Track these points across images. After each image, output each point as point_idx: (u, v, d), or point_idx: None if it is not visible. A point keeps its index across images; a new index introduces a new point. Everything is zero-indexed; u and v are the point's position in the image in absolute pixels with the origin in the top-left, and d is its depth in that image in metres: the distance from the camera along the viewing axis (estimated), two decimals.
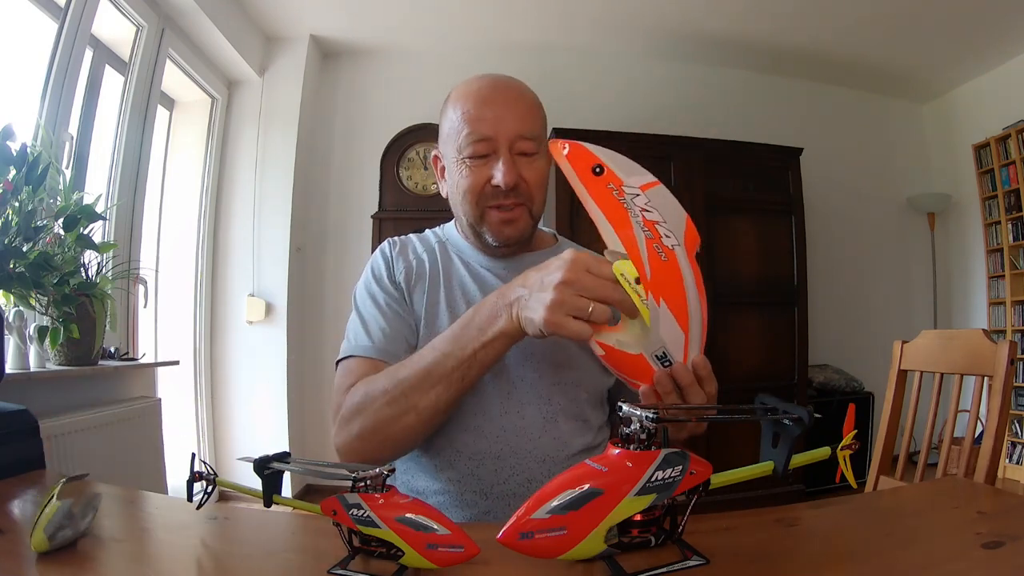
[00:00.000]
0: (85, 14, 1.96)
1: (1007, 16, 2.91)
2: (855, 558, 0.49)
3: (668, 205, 0.54)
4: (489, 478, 0.77)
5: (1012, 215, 3.34)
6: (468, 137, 0.80)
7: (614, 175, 0.53)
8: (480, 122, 0.79)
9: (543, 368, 0.80)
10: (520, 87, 0.85)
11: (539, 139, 0.82)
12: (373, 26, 3.11)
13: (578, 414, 0.81)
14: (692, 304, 0.55)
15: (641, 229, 0.53)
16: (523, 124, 0.80)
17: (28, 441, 0.82)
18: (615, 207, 0.54)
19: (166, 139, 2.91)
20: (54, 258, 1.50)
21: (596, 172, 0.53)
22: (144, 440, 1.95)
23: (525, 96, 0.84)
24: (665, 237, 0.53)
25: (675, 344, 0.56)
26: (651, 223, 0.53)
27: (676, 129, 3.06)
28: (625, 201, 0.53)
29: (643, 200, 0.53)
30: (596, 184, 0.54)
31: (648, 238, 0.53)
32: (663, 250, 0.53)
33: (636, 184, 0.53)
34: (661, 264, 0.54)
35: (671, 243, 0.54)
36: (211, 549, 0.43)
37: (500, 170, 0.79)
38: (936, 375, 1.18)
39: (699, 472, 0.43)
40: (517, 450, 0.78)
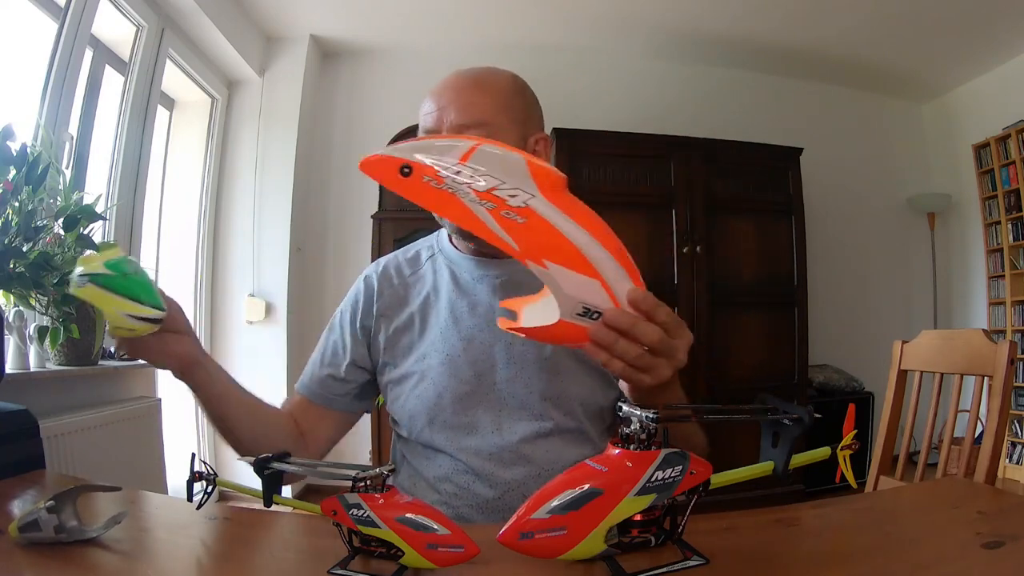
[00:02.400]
0: (85, 14, 1.96)
1: (1007, 16, 2.91)
2: (855, 558, 0.49)
3: (499, 161, 0.47)
4: (485, 493, 0.77)
5: (1012, 215, 3.34)
6: (421, 130, 0.80)
7: (424, 166, 0.46)
8: (427, 114, 0.79)
9: (532, 383, 0.79)
10: (478, 75, 0.81)
11: (489, 126, 0.77)
12: (373, 26, 3.11)
13: (574, 427, 0.80)
14: (585, 245, 0.48)
15: (479, 204, 0.46)
16: (465, 112, 0.77)
17: (28, 441, 0.82)
18: (441, 199, 0.47)
19: (166, 139, 2.91)
20: (54, 258, 1.50)
21: (405, 173, 0.46)
22: (144, 440, 1.95)
23: (478, 83, 0.80)
24: (511, 197, 0.46)
25: (592, 294, 0.49)
26: (486, 193, 0.46)
27: (676, 129, 3.06)
28: (447, 186, 0.46)
29: (468, 172, 0.46)
30: (412, 185, 0.46)
31: (492, 209, 0.46)
32: (515, 212, 0.47)
33: (452, 161, 0.46)
34: (522, 227, 0.47)
35: (522, 199, 0.47)
36: (211, 549, 0.43)
37: None
38: (936, 375, 1.18)
39: (699, 472, 0.43)
40: (512, 466, 0.77)
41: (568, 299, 0.49)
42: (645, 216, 2.85)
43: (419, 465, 0.82)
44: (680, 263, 2.85)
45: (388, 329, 0.85)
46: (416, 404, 0.80)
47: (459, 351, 0.79)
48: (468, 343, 0.80)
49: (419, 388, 0.80)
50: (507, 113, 0.80)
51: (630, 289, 0.50)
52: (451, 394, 0.78)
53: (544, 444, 0.78)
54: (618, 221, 1.98)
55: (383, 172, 0.47)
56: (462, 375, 0.79)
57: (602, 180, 2.83)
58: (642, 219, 2.84)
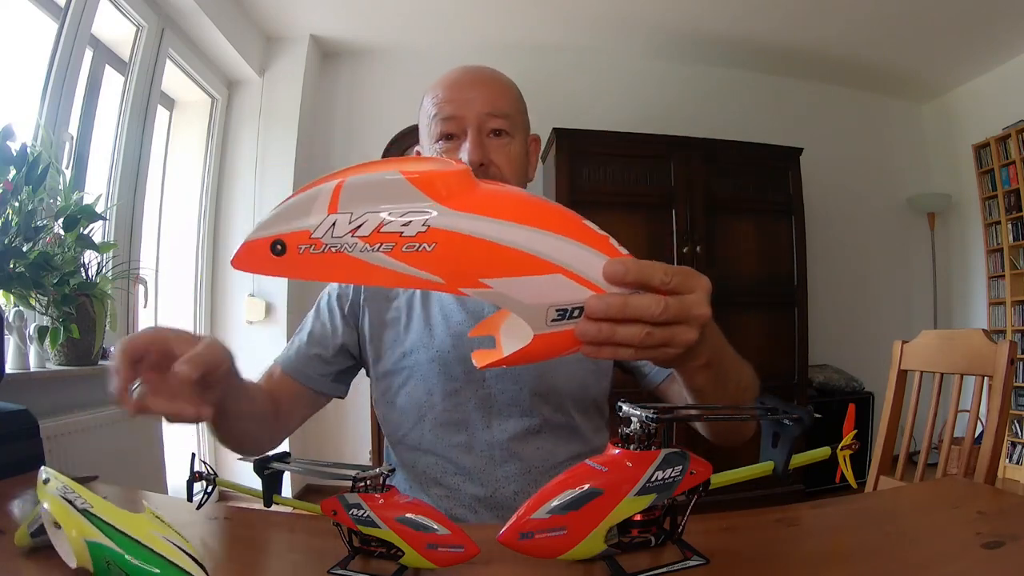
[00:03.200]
0: (85, 14, 1.96)
1: (1007, 16, 2.91)
2: (855, 558, 0.49)
3: (372, 190, 0.38)
4: (477, 492, 0.77)
5: (1012, 215, 3.34)
6: (436, 118, 0.79)
7: (293, 234, 0.38)
8: (448, 103, 0.79)
9: (522, 380, 0.79)
10: (491, 71, 0.84)
11: (510, 118, 0.80)
12: (373, 26, 3.11)
13: (564, 423, 0.80)
14: (523, 240, 0.39)
15: (372, 252, 0.37)
16: (491, 102, 0.78)
17: (28, 441, 0.82)
18: (329, 264, 0.38)
19: (166, 139, 2.91)
20: (54, 258, 1.50)
21: (278, 252, 0.38)
22: (144, 440, 1.95)
23: (495, 78, 0.83)
24: (405, 227, 0.37)
25: (558, 291, 0.40)
26: (374, 235, 0.37)
27: (676, 129, 3.06)
28: (329, 246, 0.37)
29: (345, 222, 0.37)
30: (292, 262, 0.38)
31: (389, 250, 0.37)
32: (417, 241, 0.38)
33: (321, 216, 0.37)
34: (434, 256, 0.38)
35: (419, 223, 0.37)
36: (211, 549, 0.43)
37: (466, 149, 0.77)
38: (936, 375, 1.18)
39: (699, 472, 0.43)
40: (503, 463, 0.77)
41: (533, 309, 0.40)
42: (645, 216, 2.85)
43: (408, 469, 0.82)
44: (680, 263, 2.84)
45: (373, 317, 0.85)
46: (406, 401, 0.80)
47: (448, 348, 0.80)
48: (457, 340, 0.80)
49: (408, 385, 0.80)
50: (519, 111, 0.82)
51: (605, 264, 0.41)
52: (441, 391, 0.79)
53: (535, 441, 0.78)
54: (618, 221, 2.01)
55: (256, 261, 0.39)
56: (452, 372, 0.79)
57: (602, 180, 2.83)
58: (642, 219, 2.84)
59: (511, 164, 0.79)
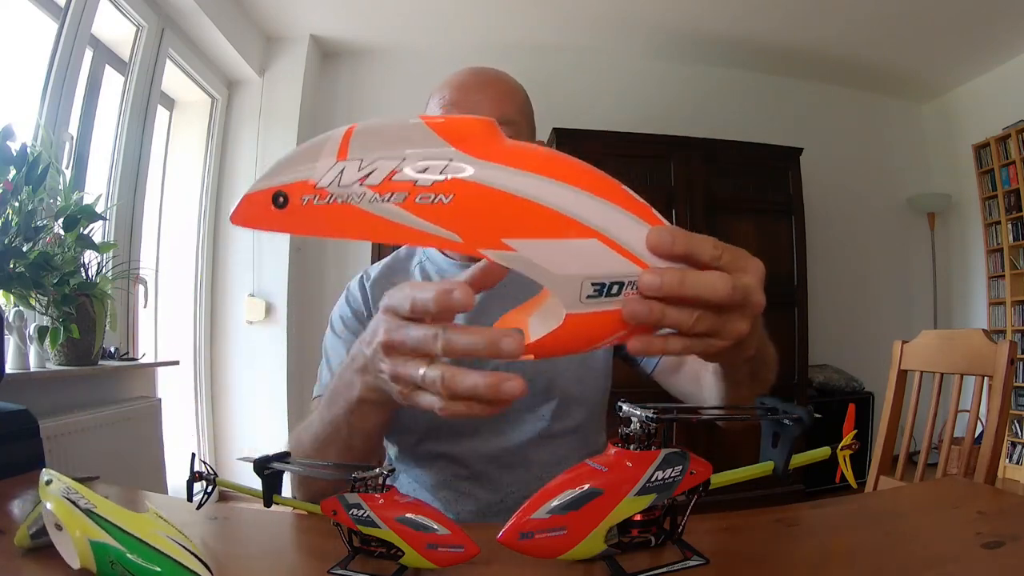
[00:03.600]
0: (85, 14, 1.96)
1: (1007, 16, 2.91)
2: (855, 558, 0.49)
3: (388, 134, 0.34)
4: (486, 497, 0.77)
5: (1012, 215, 3.34)
6: None
7: (299, 184, 0.33)
8: (455, 106, 0.77)
9: (535, 384, 0.77)
10: (498, 74, 0.82)
11: (517, 124, 0.78)
12: (373, 26, 3.11)
13: (576, 427, 0.79)
14: (555, 195, 0.33)
15: (382, 203, 0.33)
16: (498, 107, 0.77)
17: (28, 441, 0.82)
18: (335, 217, 0.33)
19: (166, 139, 2.91)
20: (54, 258, 1.50)
21: (280, 204, 0.34)
22: (144, 440, 1.96)
23: (502, 81, 0.81)
24: (421, 175, 0.33)
25: (596, 260, 0.34)
26: (386, 183, 0.33)
27: (676, 129, 3.06)
28: (335, 196, 0.33)
29: (354, 169, 0.33)
30: (294, 215, 0.34)
31: (402, 201, 0.33)
32: (433, 192, 0.33)
33: (329, 163, 0.33)
34: (451, 208, 0.33)
35: (437, 170, 0.33)
36: (211, 549, 0.43)
37: None
38: (936, 375, 1.18)
39: (699, 472, 0.43)
40: (512, 468, 0.77)
41: (564, 281, 0.34)
42: None
43: (416, 473, 0.81)
44: None
45: None
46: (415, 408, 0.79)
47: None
48: None
49: None
50: (525, 117, 0.81)
51: (649, 232, 0.35)
52: None
53: (547, 446, 0.77)
54: None
55: (256, 215, 0.34)
56: None
57: None
58: None
59: None
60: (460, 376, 0.36)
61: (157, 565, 0.40)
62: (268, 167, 0.35)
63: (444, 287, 0.35)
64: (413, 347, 0.38)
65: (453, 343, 0.36)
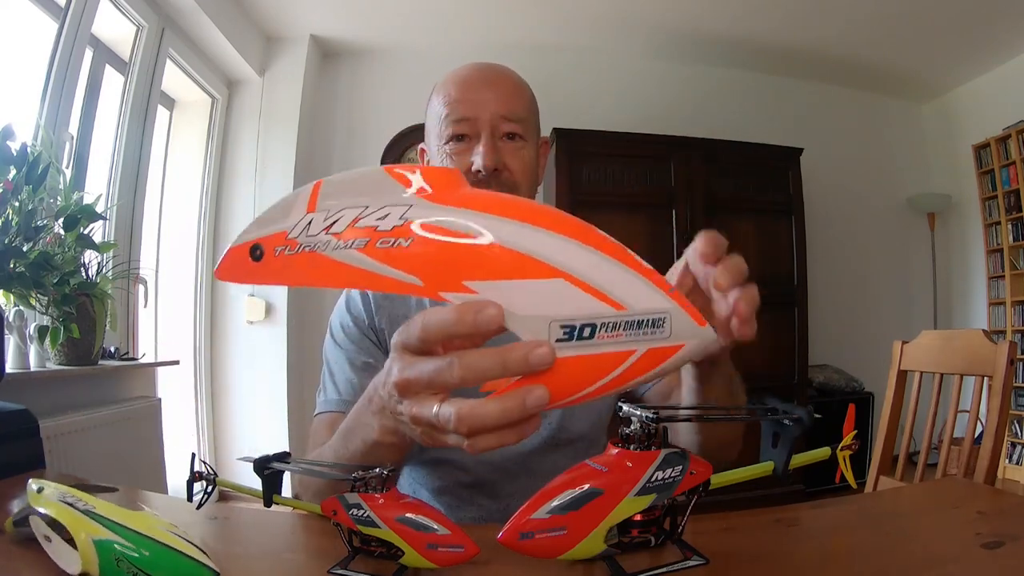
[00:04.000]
0: (85, 14, 1.96)
1: (1007, 16, 2.91)
2: (855, 558, 0.49)
3: (352, 185, 0.35)
4: (487, 504, 0.76)
5: (1012, 215, 3.34)
6: (448, 119, 0.75)
7: (273, 236, 0.35)
8: (460, 103, 0.75)
9: None
10: (504, 70, 0.81)
11: (525, 122, 0.77)
12: (373, 26, 3.11)
13: (580, 437, 0.79)
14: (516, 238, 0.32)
15: (345, 250, 0.34)
16: (505, 104, 0.76)
17: (28, 441, 0.82)
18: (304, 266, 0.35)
19: (166, 139, 2.91)
20: (54, 258, 1.50)
21: (257, 257, 0.35)
22: (144, 440, 1.96)
23: (509, 78, 0.79)
24: (382, 221, 0.33)
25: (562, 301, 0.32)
26: (350, 230, 0.34)
27: (676, 129, 3.06)
28: (304, 245, 0.34)
29: (320, 219, 0.34)
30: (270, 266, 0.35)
31: (363, 247, 0.33)
32: (393, 236, 0.33)
33: (299, 216, 0.35)
34: (410, 253, 0.33)
35: (396, 216, 0.33)
36: (211, 549, 0.43)
37: (479, 153, 0.73)
38: (936, 375, 1.18)
39: (699, 472, 0.43)
40: (516, 477, 0.76)
41: (531, 322, 0.32)
42: (645, 216, 2.85)
43: (419, 475, 0.81)
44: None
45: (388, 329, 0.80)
46: None
47: None
48: None
49: None
50: (532, 114, 0.80)
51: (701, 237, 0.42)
52: None
53: (551, 455, 0.77)
54: (618, 221, 2.01)
55: (237, 269, 0.36)
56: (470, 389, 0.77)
57: (602, 180, 2.83)
58: (642, 219, 2.84)
59: (524, 170, 0.76)
60: (478, 408, 0.33)
61: (165, 558, 0.40)
62: (249, 223, 0.36)
63: (470, 304, 0.32)
64: (428, 382, 0.35)
65: (473, 366, 0.33)
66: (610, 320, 0.32)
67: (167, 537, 0.42)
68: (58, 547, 0.44)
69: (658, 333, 0.33)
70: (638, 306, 0.32)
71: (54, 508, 0.44)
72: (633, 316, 0.32)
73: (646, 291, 0.33)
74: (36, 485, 0.48)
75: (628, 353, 0.33)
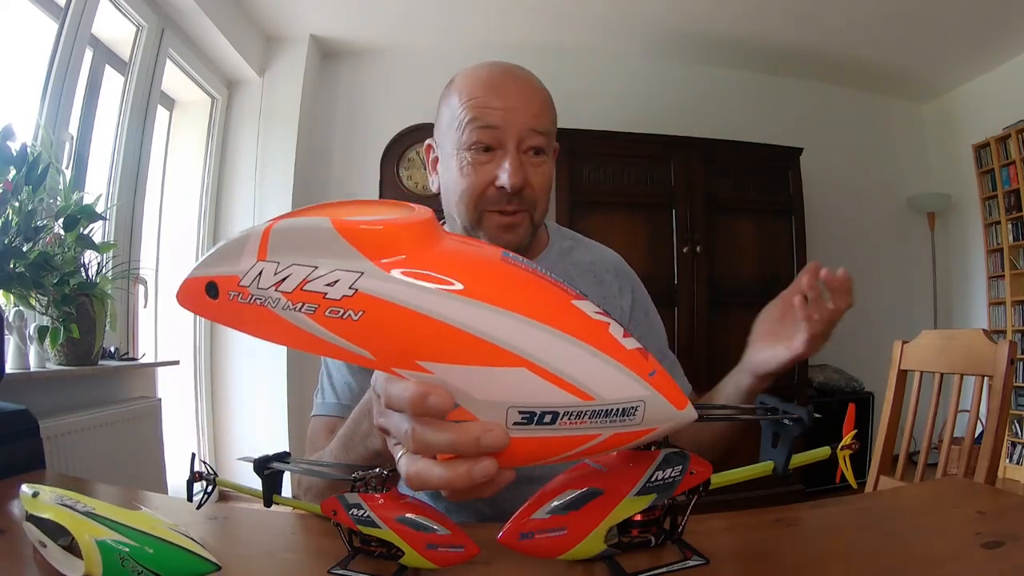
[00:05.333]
0: (85, 14, 1.96)
1: (1007, 16, 2.91)
2: (855, 558, 0.49)
3: (301, 238, 0.32)
4: (484, 510, 0.76)
5: (1012, 215, 3.34)
6: (472, 124, 0.71)
7: (227, 278, 0.33)
8: (488, 110, 0.71)
9: None
10: (534, 79, 0.78)
11: (550, 135, 0.75)
12: (373, 26, 3.11)
13: None
14: (478, 323, 0.30)
15: (294, 311, 0.31)
16: (536, 117, 0.72)
17: (28, 441, 0.82)
18: (253, 318, 0.33)
19: (166, 139, 2.91)
20: (54, 258, 1.50)
21: (212, 294, 0.34)
22: (144, 440, 1.95)
23: (539, 89, 0.76)
24: (330, 288, 0.31)
25: (522, 390, 0.30)
26: (297, 292, 0.31)
27: (676, 129, 3.06)
28: (257, 298, 0.32)
29: (271, 272, 0.32)
30: (223, 308, 0.33)
31: (312, 312, 0.31)
32: (342, 307, 0.31)
33: (250, 262, 0.32)
34: (363, 326, 0.31)
35: (346, 284, 0.30)
36: (211, 549, 0.43)
37: (506, 170, 0.70)
38: (936, 375, 1.18)
39: (699, 472, 0.43)
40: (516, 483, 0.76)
41: (487, 406, 0.31)
42: (645, 216, 2.85)
43: None
44: (680, 263, 2.85)
45: None
46: None
47: None
48: None
49: None
50: (555, 126, 0.77)
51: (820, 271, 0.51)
52: None
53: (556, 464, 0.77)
54: (618, 221, 2.00)
55: (194, 301, 0.35)
56: None
57: (602, 180, 2.83)
58: (642, 219, 2.84)
59: (544, 186, 0.74)
60: (425, 471, 0.33)
61: (169, 554, 0.41)
62: (205, 254, 0.34)
63: (419, 390, 0.31)
64: (394, 433, 0.35)
65: (426, 442, 0.32)
66: (574, 409, 0.30)
67: (170, 534, 0.42)
68: (54, 552, 0.44)
69: (628, 420, 0.31)
70: (608, 396, 0.30)
71: (53, 512, 0.43)
72: (601, 406, 0.30)
73: (620, 379, 0.30)
74: (31, 490, 0.48)
75: (592, 436, 0.31)
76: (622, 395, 0.31)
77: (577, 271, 0.87)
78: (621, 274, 0.90)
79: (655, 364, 0.32)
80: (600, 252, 0.92)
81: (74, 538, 0.42)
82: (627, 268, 0.93)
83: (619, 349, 0.31)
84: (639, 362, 0.31)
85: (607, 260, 0.91)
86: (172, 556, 0.41)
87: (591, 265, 0.89)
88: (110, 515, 0.42)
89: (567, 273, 0.86)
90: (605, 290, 0.87)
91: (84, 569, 0.41)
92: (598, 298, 0.86)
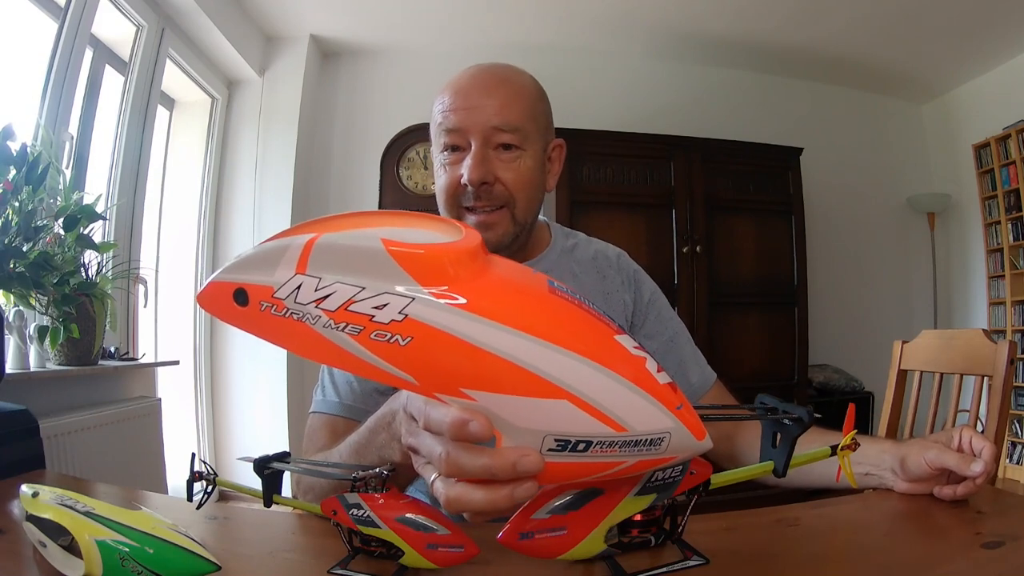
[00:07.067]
0: (85, 14, 1.96)
1: (1007, 16, 2.91)
2: (855, 558, 0.49)
3: (348, 257, 0.31)
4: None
5: (1012, 215, 3.34)
6: (440, 128, 0.74)
7: (260, 287, 0.32)
8: (453, 112, 0.73)
9: None
10: (507, 75, 0.77)
11: (521, 131, 0.74)
12: (373, 26, 3.11)
13: None
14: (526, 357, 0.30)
15: (336, 331, 0.31)
16: (499, 115, 0.73)
17: (28, 441, 0.82)
18: (289, 332, 0.32)
19: (166, 139, 2.91)
20: (54, 258, 1.50)
21: (241, 301, 0.33)
22: (144, 440, 1.95)
23: (510, 84, 0.76)
24: (378, 311, 0.30)
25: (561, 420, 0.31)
26: (341, 311, 0.31)
27: (676, 129, 3.06)
28: (294, 312, 0.32)
29: (311, 287, 0.31)
30: (252, 317, 0.33)
31: (357, 333, 0.31)
32: (390, 331, 0.30)
33: (287, 274, 0.32)
34: (408, 351, 0.31)
35: (396, 309, 0.30)
36: (211, 549, 0.43)
37: (467, 166, 0.72)
38: (936, 375, 1.18)
39: (699, 472, 0.43)
40: None
41: (525, 433, 0.32)
42: (645, 216, 2.85)
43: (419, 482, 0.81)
44: (680, 263, 2.85)
45: None
46: None
47: None
48: None
49: None
50: (534, 120, 0.77)
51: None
52: None
53: None
54: (618, 221, 2.01)
55: (219, 305, 0.34)
56: None
57: (602, 180, 2.83)
58: (642, 219, 2.84)
59: (519, 181, 0.75)
60: (465, 496, 0.33)
61: (169, 554, 0.41)
62: (234, 258, 0.34)
63: (462, 417, 0.31)
64: (427, 455, 0.36)
65: (461, 466, 0.32)
66: (607, 439, 0.32)
67: (170, 534, 0.42)
68: (54, 552, 0.44)
69: (654, 449, 0.33)
70: (640, 428, 0.32)
71: (53, 512, 0.43)
72: (632, 437, 0.32)
73: (653, 412, 0.32)
74: (31, 490, 0.47)
75: (619, 463, 0.33)
76: (652, 427, 0.32)
77: (580, 268, 0.88)
78: (624, 269, 0.91)
79: (682, 398, 0.33)
80: (603, 247, 0.93)
81: (74, 538, 0.42)
82: (630, 263, 0.93)
83: (654, 385, 0.32)
84: (669, 396, 0.32)
85: (609, 255, 0.92)
86: (172, 556, 0.41)
87: (593, 261, 0.90)
88: (110, 515, 0.42)
89: (570, 270, 0.87)
90: (607, 285, 0.88)
91: (84, 569, 0.41)
92: (600, 293, 0.86)
